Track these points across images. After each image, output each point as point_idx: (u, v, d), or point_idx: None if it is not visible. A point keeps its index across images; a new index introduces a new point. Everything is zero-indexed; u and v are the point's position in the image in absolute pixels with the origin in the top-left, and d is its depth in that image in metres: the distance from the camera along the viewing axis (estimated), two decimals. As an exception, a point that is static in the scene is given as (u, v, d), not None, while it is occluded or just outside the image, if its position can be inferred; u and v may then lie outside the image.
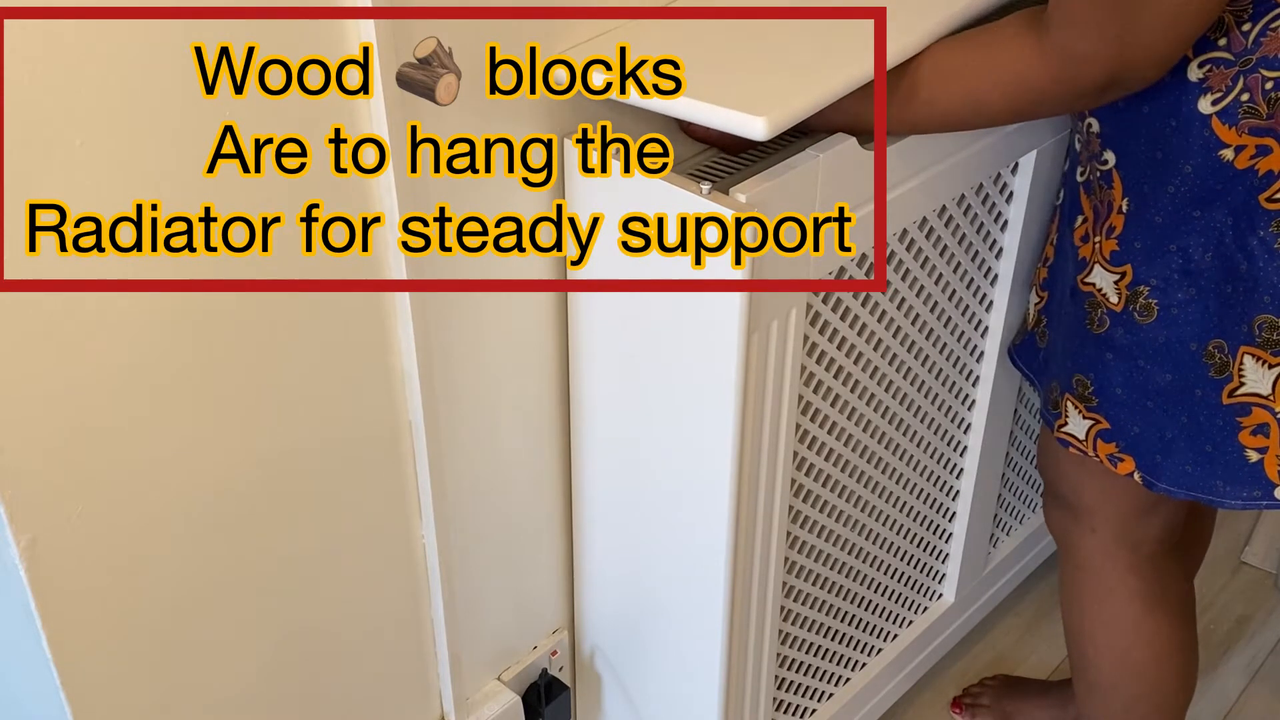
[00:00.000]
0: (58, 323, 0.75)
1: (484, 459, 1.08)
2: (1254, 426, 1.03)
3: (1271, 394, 1.01)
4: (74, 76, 0.70)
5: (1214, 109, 0.93)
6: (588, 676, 1.29)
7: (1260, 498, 1.06)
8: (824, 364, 1.11)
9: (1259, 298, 0.98)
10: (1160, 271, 1.01)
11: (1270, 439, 1.03)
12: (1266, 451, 1.03)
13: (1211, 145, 0.94)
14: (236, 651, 0.96)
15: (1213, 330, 1.01)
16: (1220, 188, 0.96)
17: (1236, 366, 1.01)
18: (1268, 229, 0.96)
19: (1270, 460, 1.03)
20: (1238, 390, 1.02)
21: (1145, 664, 1.21)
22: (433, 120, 0.89)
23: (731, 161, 1.07)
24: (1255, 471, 1.04)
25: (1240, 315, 0.99)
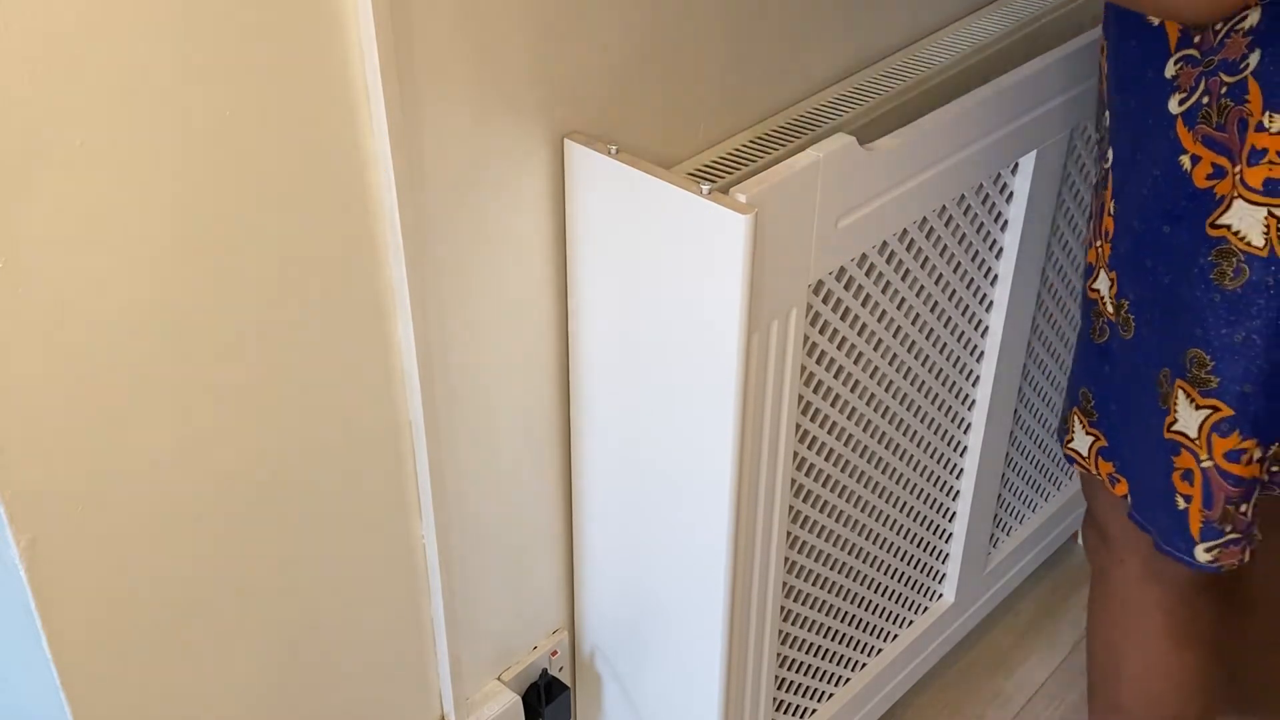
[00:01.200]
0: (58, 322, 0.75)
1: (484, 459, 1.08)
2: (1183, 471, 0.98)
3: (1197, 438, 0.96)
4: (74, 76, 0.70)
5: (1180, 109, 0.91)
6: (588, 676, 1.29)
7: (1184, 552, 1.00)
8: (824, 364, 1.11)
9: (1193, 329, 0.94)
10: (1136, 286, 0.99)
11: (1193, 488, 0.97)
12: (1191, 502, 0.98)
13: (1175, 149, 0.91)
14: (236, 651, 0.96)
15: (1165, 358, 0.97)
16: (1185, 204, 0.92)
17: (1174, 399, 0.97)
18: (1206, 257, 0.92)
19: (1194, 514, 0.98)
20: (1173, 426, 0.97)
21: (1165, 695, 1.18)
22: (433, 116, 0.89)
23: (731, 161, 1.08)
24: (1182, 520, 0.99)
25: (1179, 346, 0.95)
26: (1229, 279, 0.91)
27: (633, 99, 1.03)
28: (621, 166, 0.96)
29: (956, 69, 1.23)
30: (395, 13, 0.82)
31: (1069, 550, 1.78)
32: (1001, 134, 1.15)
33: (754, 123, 1.14)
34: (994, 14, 1.32)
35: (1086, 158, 1.33)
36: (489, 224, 0.98)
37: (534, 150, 0.98)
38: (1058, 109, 1.21)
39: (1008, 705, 1.58)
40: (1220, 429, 0.95)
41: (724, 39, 1.07)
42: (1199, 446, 0.96)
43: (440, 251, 0.95)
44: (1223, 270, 0.92)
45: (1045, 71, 1.16)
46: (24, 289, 0.73)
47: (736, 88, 1.11)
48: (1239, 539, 0.99)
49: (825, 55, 1.18)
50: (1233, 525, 0.98)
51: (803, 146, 1.03)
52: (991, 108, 1.12)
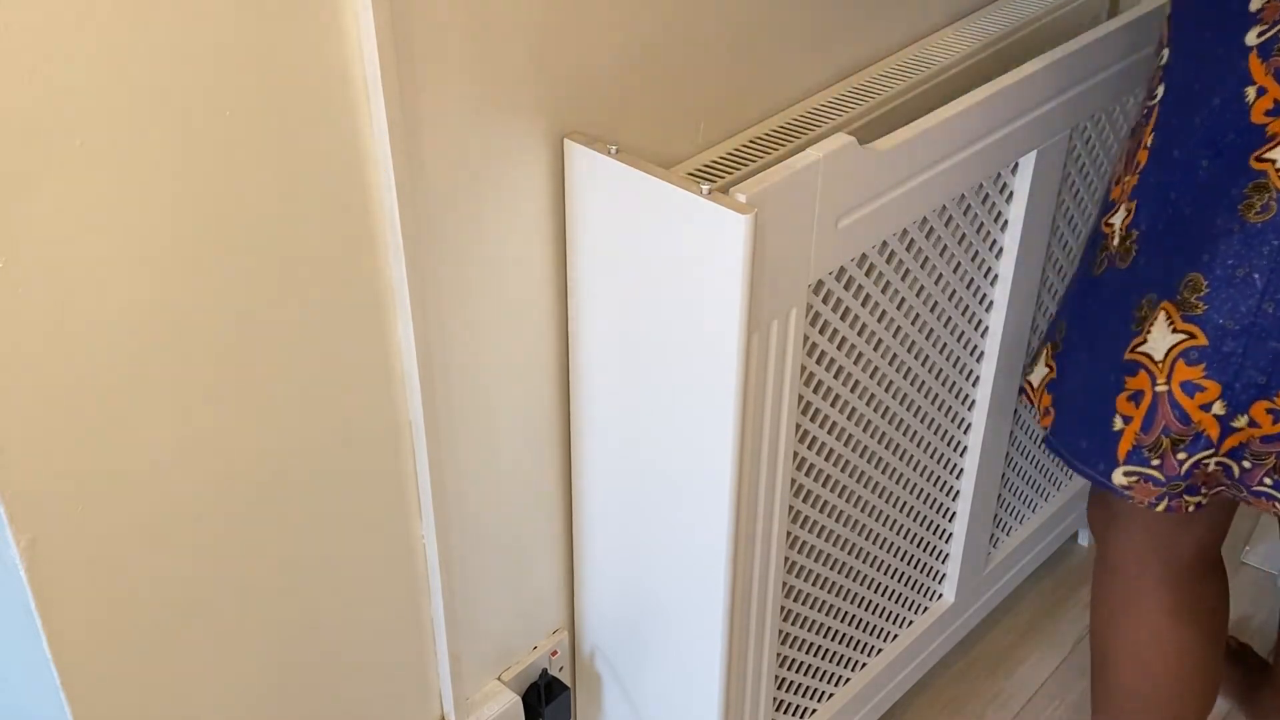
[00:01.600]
0: (58, 322, 0.75)
1: (484, 459, 1.08)
2: (1133, 391, 0.99)
3: (1161, 362, 0.97)
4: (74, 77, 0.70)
5: (1258, 41, 0.92)
6: (588, 676, 1.29)
7: (1101, 472, 1.01)
8: (824, 364, 1.11)
9: (1200, 255, 0.95)
10: (1150, 217, 1.00)
11: (1137, 410, 0.98)
12: (1130, 423, 0.99)
13: (1241, 79, 0.93)
14: (236, 651, 0.96)
15: (1158, 284, 0.98)
16: (1233, 137, 0.94)
17: (1151, 321, 0.98)
18: (1241, 188, 0.93)
19: (1128, 434, 0.99)
20: (1139, 346, 0.99)
21: (1165, 676, 1.19)
22: (433, 116, 0.89)
23: (731, 161, 1.08)
24: (1111, 441, 1.01)
25: (1178, 269, 0.97)
26: (1254, 212, 0.93)
27: (633, 99, 1.03)
28: (621, 166, 0.96)
29: (956, 69, 1.23)
30: (395, 13, 0.82)
31: (1069, 550, 1.78)
32: (1001, 134, 1.15)
33: (754, 123, 1.14)
34: (994, 14, 1.32)
35: (1086, 158, 1.33)
36: (489, 224, 0.98)
37: (534, 150, 0.98)
38: (1058, 109, 1.21)
39: (1008, 705, 1.58)
40: (1189, 356, 0.96)
41: (724, 39, 1.07)
42: (1160, 370, 0.97)
43: (440, 251, 0.95)
44: (1251, 203, 0.93)
45: (1045, 71, 1.16)
46: (24, 289, 0.73)
47: (736, 88, 1.11)
48: (1161, 481, 1.00)
49: (825, 55, 1.18)
50: (1161, 462, 0.99)
51: (803, 146, 1.03)
52: (991, 108, 1.12)
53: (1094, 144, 1.33)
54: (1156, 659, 1.19)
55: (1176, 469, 0.99)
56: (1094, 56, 1.22)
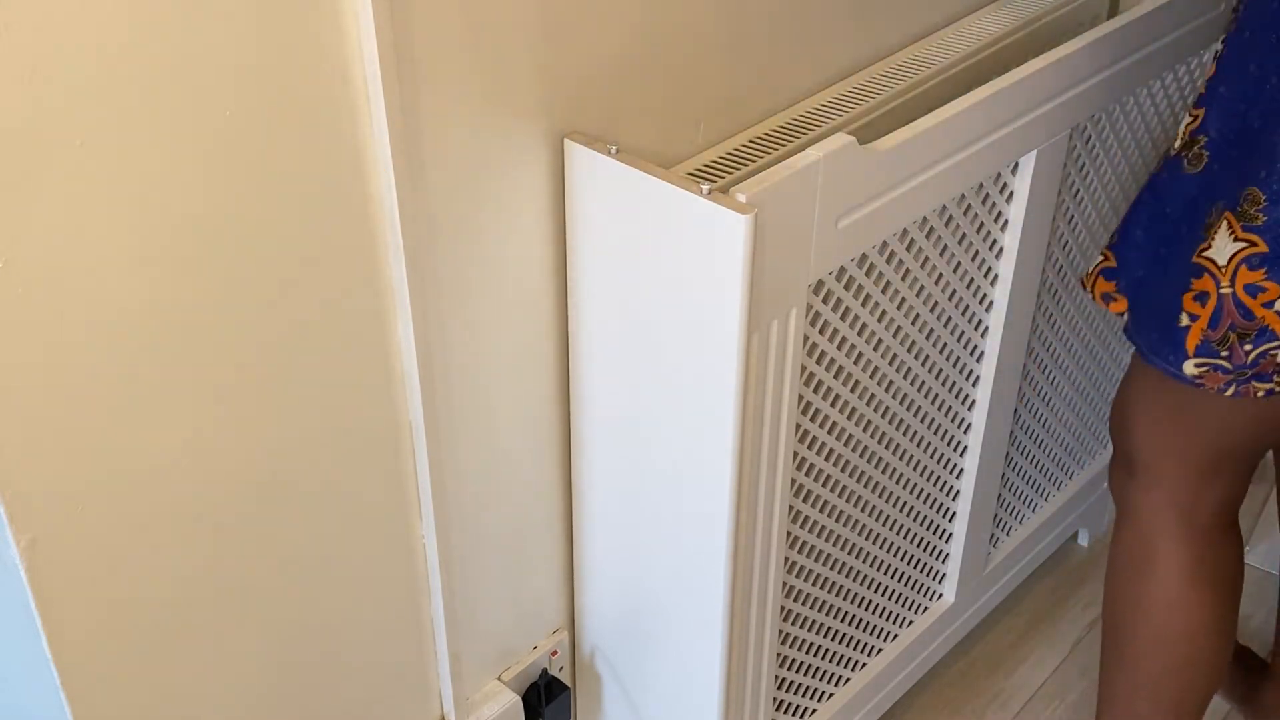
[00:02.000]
0: (58, 322, 0.75)
1: (484, 459, 1.08)
2: (1198, 292, 1.03)
3: (1224, 266, 1.01)
4: (74, 77, 0.70)
5: None
6: (588, 676, 1.29)
7: (1172, 364, 1.06)
8: (824, 364, 1.11)
9: (1259, 170, 0.98)
10: (1221, 126, 1.02)
11: (1204, 310, 1.03)
12: (1196, 321, 1.03)
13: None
14: (236, 651, 0.96)
15: (1226, 194, 1.02)
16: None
17: (1214, 229, 1.02)
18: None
19: (1195, 331, 1.03)
20: (1204, 251, 1.02)
21: (1179, 639, 1.20)
22: (433, 117, 0.89)
23: (731, 161, 1.08)
24: (1179, 336, 1.05)
25: (1242, 182, 1.00)
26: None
27: (633, 99, 1.03)
28: (621, 166, 0.96)
29: (956, 69, 1.23)
30: (395, 13, 0.83)
31: (1069, 550, 1.78)
32: (1001, 134, 1.15)
33: (754, 123, 1.14)
34: (994, 14, 1.32)
35: (1086, 158, 1.33)
36: (489, 224, 0.98)
37: (534, 150, 0.98)
38: (1058, 109, 1.21)
39: (1008, 705, 1.58)
40: (1250, 262, 1.00)
41: (724, 39, 1.07)
42: (1223, 274, 1.01)
43: (440, 251, 0.95)
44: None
45: (1045, 71, 1.16)
46: (24, 289, 0.73)
47: (736, 88, 1.11)
48: (1228, 369, 1.04)
49: (825, 55, 1.18)
50: (1230, 353, 1.03)
51: (803, 146, 1.03)
52: (991, 108, 1.12)
53: (1094, 144, 1.33)
54: (1170, 618, 1.19)
55: (1243, 359, 1.03)
56: (1094, 56, 1.22)
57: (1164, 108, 1.42)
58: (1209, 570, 1.18)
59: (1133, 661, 1.24)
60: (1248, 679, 1.51)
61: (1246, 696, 1.51)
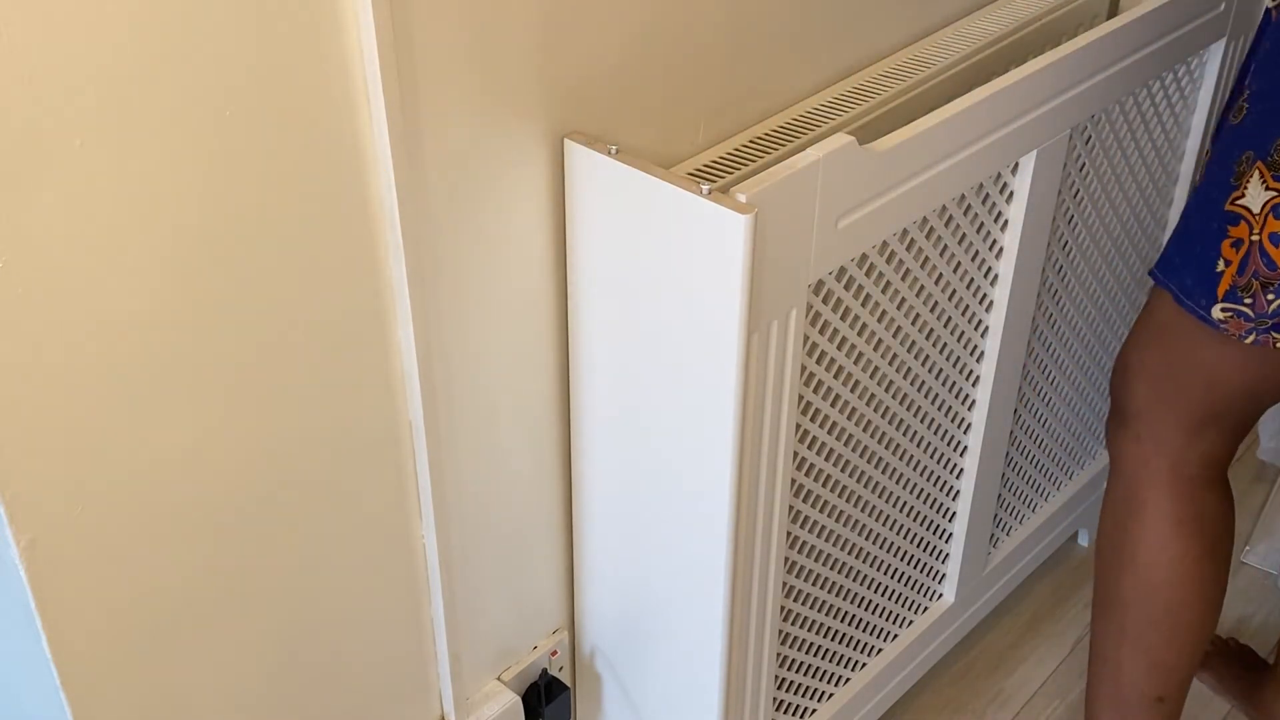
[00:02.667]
0: (58, 322, 0.75)
1: (484, 459, 1.08)
2: (1235, 239, 1.05)
3: (1258, 214, 1.03)
4: (74, 77, 0.70)
5: None
6: (588, 676, 1.29)
7: (1203, 307, 1.08)
8: (824, 364, 1.11)
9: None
10: (1262, 84, 1.05)
11: (1236, 256, 1.05)
12: (1229, 267, 1.06)
13: None
14: (236, 651, 0.96)
15: (1257, 143, 1.04)
16: None
17: (1247, 178, 1.04)
18: None
19: (1227, 276, 1.06)
20: (1238, 200, 1.05)
21: (1164, 586, 1.21)
22: (432, 117, 0.89)
23: (731, 161, 1.08)
24: (1214, 281, 1.07)
25: (1272, 133, 1.03)
26: None
27: (633, 99, 1.03)
28: (621, 166, 0.96)
29: (956, 69, 1.23)
30: (395, 13, 0.83)
31: (1069, 550, 1.78)
32: (1001, 134, 1.15)
33: (754, 123, 1.14)
34: (994, 14, 1.32)
35: (1086, 158, 1.33)
36: (489, 224, 0.98)
37: (534, 150, 0.98)
38: (1058, 109, 1.20)
39: (1008, 705, 1.58)
40: (1278, 211, 1.03)
41: (724, 39, 1.07)
42: (1256, 221, 1.04)
43: (440, 251, 0.95)
44: None
45: (1045, 71, 1.16)
46: (24, 289, 0.73)
47: (736, 88, 1.11)
48: (1251, 317, 1.06)
49: (825, 55, 1.18)
50: (1253, 300, 1.05)
51: (803, 146, 1.03)
52: (991, 108, 1.12)
53: (1094, 144, 1.33)
54: (1157, 566, 1.21)
55: (1265, 308, 1.05)
56: (1094, 56, 1.22)
57: (1164, 108, 1.42)
58: (1195, 521, 1.20)
59: (1120, 608, 1.25)
60: (1248, 679, 1.51)
61: (1247, 696, 1.51)
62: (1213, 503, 1.21)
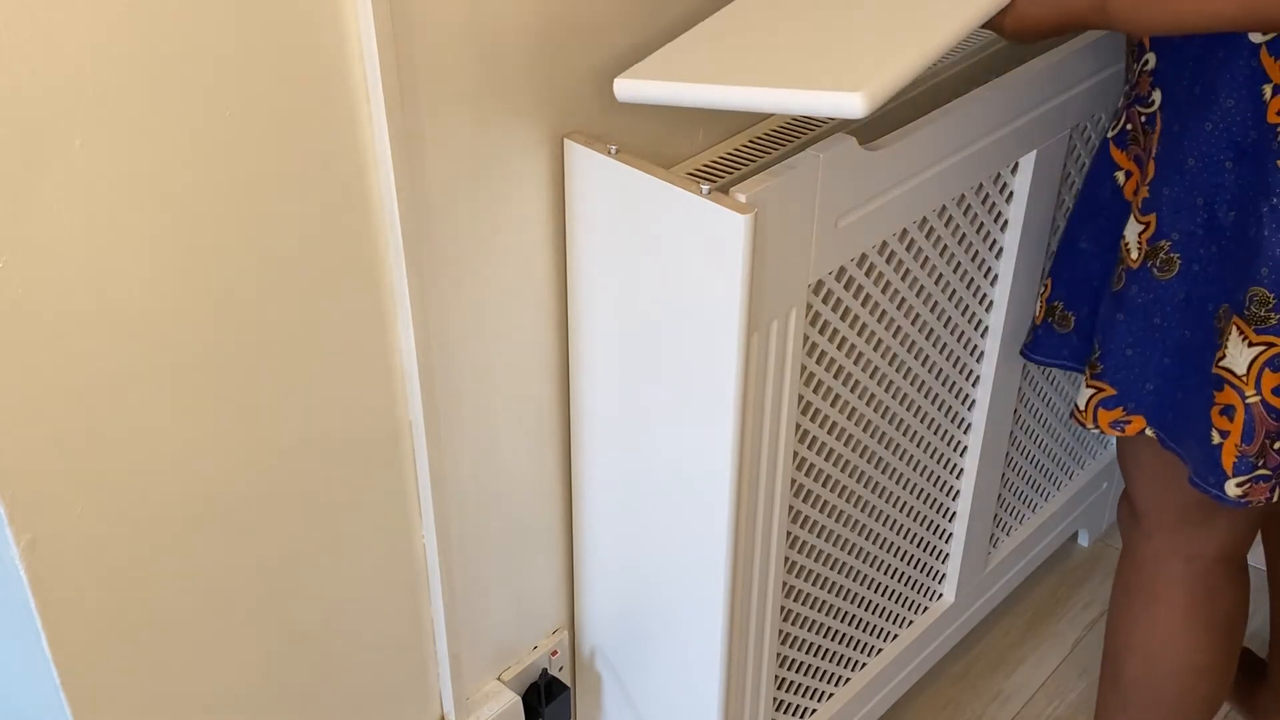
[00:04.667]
0: (58, 322, 0.75)
1: (484, 459, 1.08)
2: (1223, 406, 1.00)
3: (1245, 375, 0.97)
4: (74, 77, 0.70)
5: (1264, 39, 0.91)
6: (588, 676, 1.29)
7: (1213, 485, 1.02)
8: (824, 364, 1.11)
9: (1257, 268, 0.95)
10: (1184, 226, 0.99)
11: (1233, 425, 0.99)
12: (1228, 437, 1.00)
13: (1256, 78, 0.92)
14: (236, 651, 0.96)
15: (1225, 293, 0.98)
16: (1254, 137, 0.93)
17: (1226, 336, 0.98)
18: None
19: (1229, 448, 1.00)
20: (1221, 361, 0.99)
21: (1173, 674, 1.19)
22: (432, 117, 0.89)
23: (731, 161, 1.08)
24: (1214, 456, 1.01)
25: (1240, 283, 0.97)
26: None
27: (633, 99, 1.03)
28: (621, 166, 0.96)
29: (957, 69, 1.23)
30: (395, 13, 0.83)
31: (1069, 550, 1.78)
32: (1001, 134, 1.15)
33: (754, 123, 1.14)
34: (994, 14, 1.32)
35: (1086, 158, 1.33)
36: (489, 224, 0.98)
37: (534, 150, 0.98)
38: (1058, 109, 1.21)
39: (1008, 704, 1.58)
40: (1274, 364, 0.96)
41: (724, 39, 1.07)
42: (1245, 383, 0.97)
43: (440, 251, 0.95)
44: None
45: (1045, 71, 1.16)
46: (24, 289, 0.73)
47: (736, 88, 1.11)
48: (1269, 476, 1.01)
49: (825, 55, 1.18)
50: (1265, 460, 1.00)
51: (803, 146, 1.03)
52: (991, 108, 1.12)
53: (1094, 144, 1.33)
54: (1163, 656, 1.19)
55: (1278, 458, 1.00)
56: (1093, 57, 1.22)
57: (1164, 108, 1.42)
58: (1207, 614, 1.17)
59: (1125, 690, 1.24)
60: (1246, 679, 1.51)
61: (1245, 697, 1.51)
62: (1227, 593, 1.18)
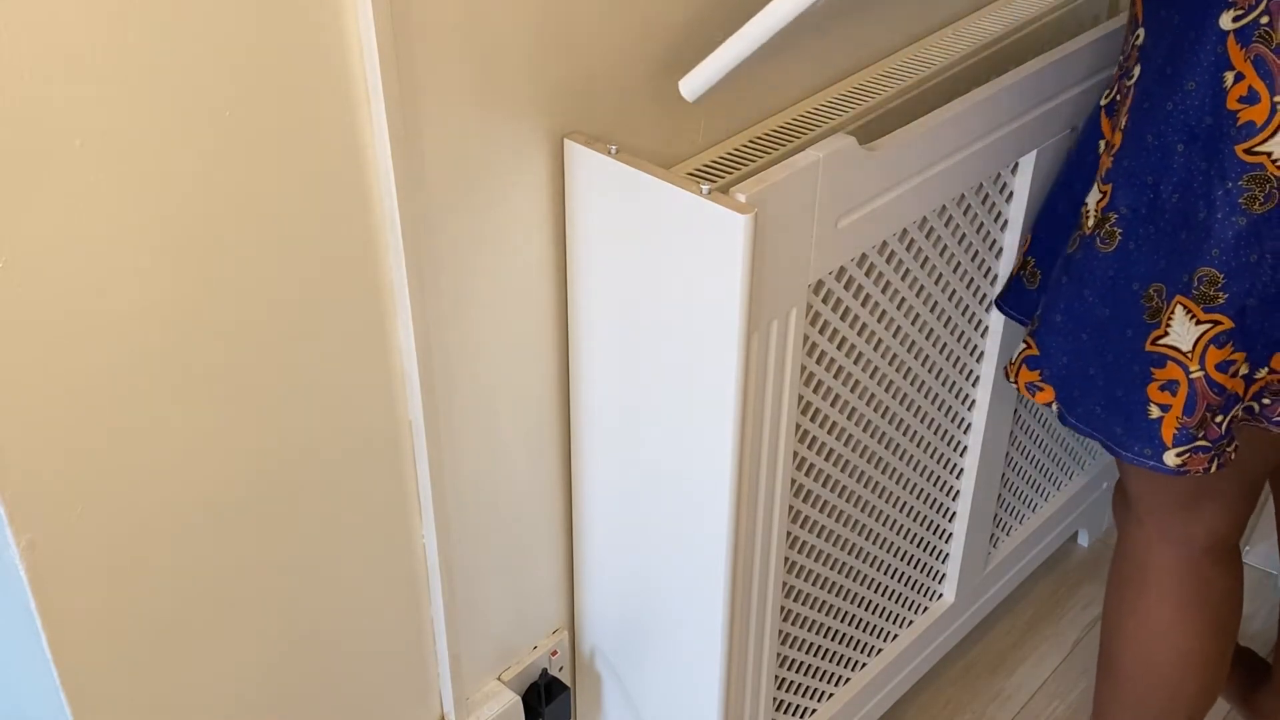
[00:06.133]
0: (58, 322, 0.75)
1: (484, 459, 1.08)
2: (1164, 381, 1.01)
3: (1190, 352, 0.99)
4: (74, 77, 0.70)
5: (1233, 25, 0.92)
6: (588, 676, 1.29)
7: (1150, 456, 1.04)
8: (824, 364, 1.11)
9: (1207, 249, 0.97)
10: (1131, 201, 1.01)
11: (1176, 399, 1.01)
12: (1168, 410, 1.02)
13: (1220, 64, 0.93)
14: (236, 651, 0.96)
15: (1158, 274, 1.00)
16: (1210, 123, 0.95)
17: (1167, 315, 1.00)
18: (1237, 181, 0.95)
19: (1169, 421, 1.02)
20: (1161, 339, 1.01)
21: (1165, 665, 1.20)
22: (432, 117, 0.89)
23: (731, 161, 1.08)
24: (1152, 429, 1.03)
25: (1184, 264, 0.98)
26: (1259, 204, 0.95)
27: (633, 99, 1.03)
28: (621, 166, 0.96)
29: (956, 69, 1.23)
30: (395, 13, 0.83)
31: (1069, 550, 1.78)
32: (1001, 134, 1.15)
33: (754, 123, 1.14)
34: (994, 14, 1.32)
35: (1086, 158, 1.33)
36: (489, 224, 0.98)
37: (534, 150, 0.98)
38: (1058, 109, 1.21)
39: (1008, 705, 1.58)
40: (1218, 340, 0.99)
41: (724, 38, 1.07)
42: (1190, 359, 1.00)
43: (440, 251, 0.95)
44: (1254, 196, 0.95)
45: (1045, 71, 1.16)
46: (24, 289, 0.73)
47: (736, 88, 1.11)
48: (1208, 447, 1.03)
49: (825, 55, 1.18)
50: (1205, 433, 1.02)
51: (803, 146, 1.03)
52: (991, 108, 1.12)
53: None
54: (1157, 644, 1.20)
55: (1219, 431, 1.03)
56: (1094, 57, 1.22)
57: (1164, 108, 1.42)
58: (1199, 602, 1.18)
59: (1120, 680, 1.25)
60: (1248, 679, 1.51)
61: (1246, 697, 1.51)
62: (1219, 581, 1.19)
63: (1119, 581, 1.23)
